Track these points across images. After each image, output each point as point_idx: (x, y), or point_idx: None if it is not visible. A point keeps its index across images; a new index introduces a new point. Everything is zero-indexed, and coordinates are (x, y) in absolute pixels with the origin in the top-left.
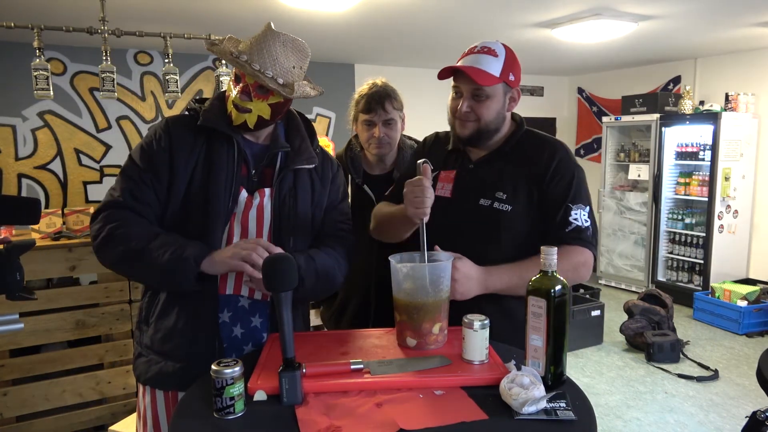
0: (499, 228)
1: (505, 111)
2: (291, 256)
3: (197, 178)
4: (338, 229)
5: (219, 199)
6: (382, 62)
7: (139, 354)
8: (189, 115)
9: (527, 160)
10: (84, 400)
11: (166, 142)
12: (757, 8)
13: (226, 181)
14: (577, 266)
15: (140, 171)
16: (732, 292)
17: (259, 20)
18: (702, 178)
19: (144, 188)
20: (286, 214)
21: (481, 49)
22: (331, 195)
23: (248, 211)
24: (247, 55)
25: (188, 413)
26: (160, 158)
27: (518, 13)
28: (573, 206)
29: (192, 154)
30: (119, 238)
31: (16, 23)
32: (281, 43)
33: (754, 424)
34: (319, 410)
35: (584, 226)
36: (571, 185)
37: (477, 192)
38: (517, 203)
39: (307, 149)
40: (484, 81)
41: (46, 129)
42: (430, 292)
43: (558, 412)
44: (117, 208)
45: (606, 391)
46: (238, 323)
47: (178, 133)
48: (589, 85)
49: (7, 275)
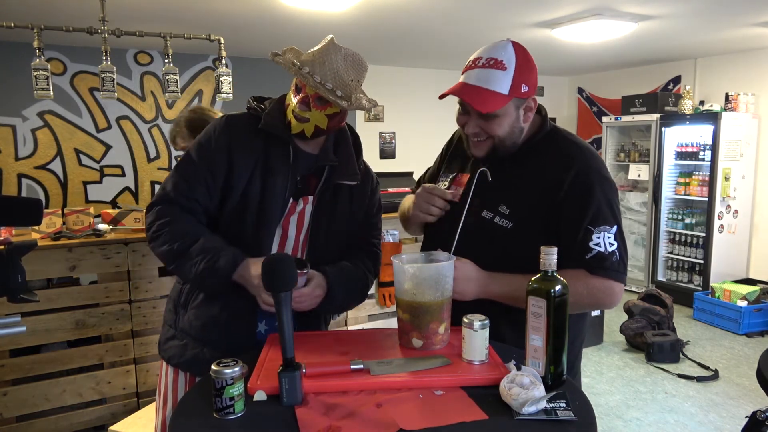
0: (496, 245)
1: (521, 123)
2: (290, 256)
3: (256, 180)
4: (368, 243)
5: (275, 203)
6: (382, 62)
7: (172, 336)
8: (249, 114)
9: (542, 170)
10: (84, 400)
11: (225, 141)
12: (757, 8)
13: (281, 187)
14: (593, 291)
15: (195, 167)
16: (732, 292)
17: (259, 20)
18: (702, 178)
19: (197, 185)
20: (324, 224)
21: (487, 61)
22: (368, 209)
23: (290, 216)
24: (309, 66)
25: (188, 413)
26: (219, 156)
27: (518, 13)
28: (595, 229)
29: (251, 155)
30: (165, 236)
31: (16, 23)
32: (342, 57)
33: (754, 424)
34: (319, 410)
35: (608, 251)
36: (590, 203)
37: (483, 202)
38: (518, 220)
39: (353, 165)
40: (489, 107)
41: (46, 129)
42: (436, 292)
43: (558, 412)
44: (168, 204)
45: (606, 391)
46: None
47: (238, 132)
48: (589, 85)
49: (9, 277)
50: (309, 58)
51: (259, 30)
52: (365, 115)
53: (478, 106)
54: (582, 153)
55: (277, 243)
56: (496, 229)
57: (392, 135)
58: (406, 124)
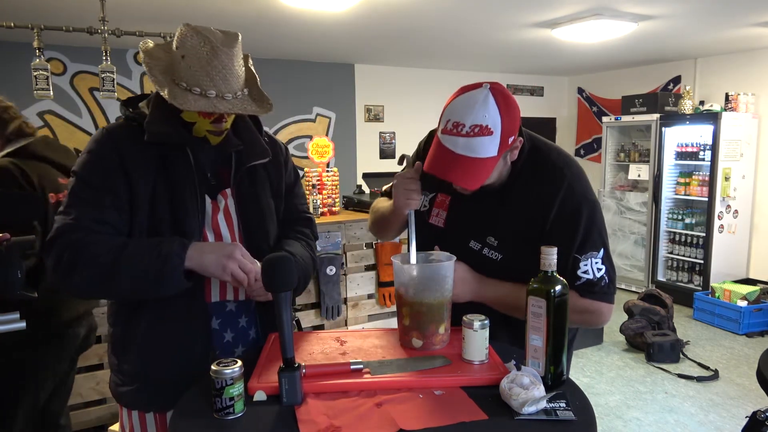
0: (488, 275)
1: (508, 164)
2: (290, 256)
3: (160, 195)
4: (299, 211)
5: (189, 215)
6: (382, 62)
7: (121, 383)
8: (131, 125)
9: (526, 198)
10: (84, 400)
11: (116, 158)
12: (757, 8)
13: (191, 195)
14: (582, 312)
15: (95, 191)
16: (732, 292)
17: (259, 20)
18: (702, 178)
19: (103, 209)
20: (252, 212)
21: (471, 129)
22: (287, 180)
23: (216, 216)
24: (211, 87)
25: (188, 413)
26: (115, 174)
27: (518, 13)
28: (582, 257)
29: (147, 169)
30: (85, 260)
31: (16, 23)
32: (226, 52)
33: (754, 424)
34: (319, 410)
35: (597, 277)
36: (577, 231)
37: (468, 230)
38: (508, 253)
39: (258, 142)
40: (481, 178)
41: (46, 129)
42: (436, 292)
43: (558, 412)
44: (74, 232)
45: (606, 391)
46: (228, 328)
47: (126, 146)
48: (589, 85)
49: (8, 272)
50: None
51: (259, 30)
52: (365, 115)
53: (469, 186)
54: (564, 177)
55: None
56: (486, 261)
57: (392, 135)
58: (406, 124)
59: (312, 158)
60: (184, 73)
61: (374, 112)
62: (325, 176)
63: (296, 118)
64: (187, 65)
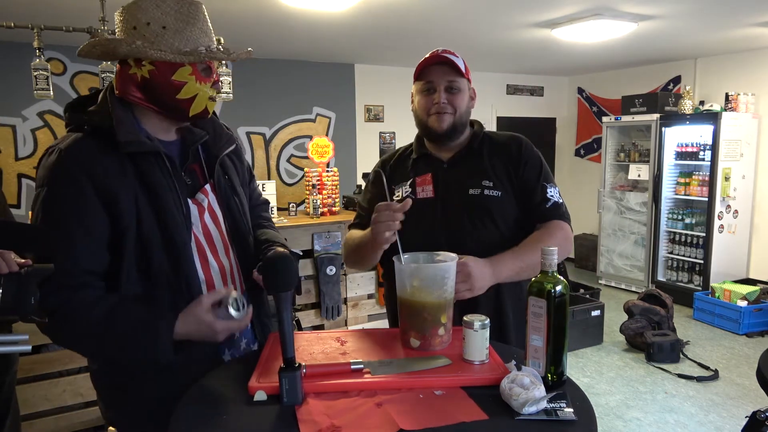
0: (493, 213)
1: (469, 106)
2: (290, 255)
3: (144, 211)
4: (259, 196)
5: (178, 225)
6: (382, 62)
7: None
8: (85, 135)
9: (497, 153)
10: (84, 400)
11: (86, 183)
12: (757, 8)
13: (175, 203)
14: (561, 242)
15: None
16: (732, 292)
17: (259, 20)
18: (702, 178)
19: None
20: (234, 202)
21: (444, 51)
22: (247, 165)
23: (203, 217)
24: (205, 40)
25: (188, 413)
26: (89, 207)
27: (518, 13)
28: (547, 185)
29: (124, 185)
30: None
31: (16, 23)
32: (201, 4)
33: (754, 424)
34: (319, 410)
35: (560, 201)
36: (541, 167)
37: (463, 184)
38: (503, 189)
39: (222, 129)
40: (459, 71)
41: (46, 129)
42: (437, 292)
43: (558, 412)
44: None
45: (606, 391)
46: (226, 349)
47: (97, 163)
48: (589, 85)
49: (23, 299)
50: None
51: (259, 30)
52: (365, 115)
53: (453, 65)
54: (517, 136)
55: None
56: (490, 199)
57: (392, 135)
58: (406, 124)
59: (312, 158)
60: (172, 39)
61: (374, 112)
62: (325, 176)
63: (296, 118)
64: (174, 30)
